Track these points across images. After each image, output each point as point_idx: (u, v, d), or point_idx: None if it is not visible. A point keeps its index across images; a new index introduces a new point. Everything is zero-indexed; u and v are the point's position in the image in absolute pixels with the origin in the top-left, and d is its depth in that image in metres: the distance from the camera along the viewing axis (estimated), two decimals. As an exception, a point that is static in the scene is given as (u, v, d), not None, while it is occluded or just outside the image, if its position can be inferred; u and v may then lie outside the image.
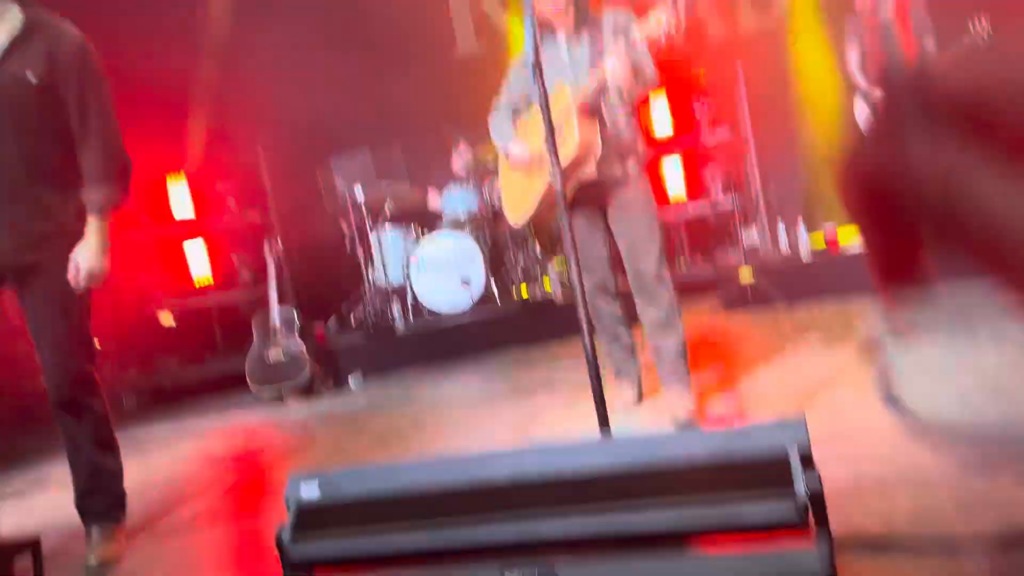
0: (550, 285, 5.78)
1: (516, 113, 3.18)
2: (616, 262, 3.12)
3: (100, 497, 2.55)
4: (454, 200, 6.32)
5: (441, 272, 6.01)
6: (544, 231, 7.04)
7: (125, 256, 2.64)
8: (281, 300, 5.39)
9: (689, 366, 3.00)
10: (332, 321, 6.57)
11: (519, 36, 7.76)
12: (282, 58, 7.62)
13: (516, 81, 3.17)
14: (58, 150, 2.50)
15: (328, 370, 5.45)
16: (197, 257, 6.58)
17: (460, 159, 6.72)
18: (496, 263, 6.45)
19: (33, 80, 2.41)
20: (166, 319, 6.43)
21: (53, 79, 2.44)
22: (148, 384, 6.42)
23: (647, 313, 3.00)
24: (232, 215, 6.44)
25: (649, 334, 3.02)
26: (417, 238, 6.35)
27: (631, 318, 3.18)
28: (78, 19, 2.63)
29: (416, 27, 7.88)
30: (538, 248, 6.64)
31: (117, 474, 2.60)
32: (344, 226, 6.60)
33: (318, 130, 7.53)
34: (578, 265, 2.09)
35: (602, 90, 2.80)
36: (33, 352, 2.52)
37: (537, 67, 1.99)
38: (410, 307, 6.08)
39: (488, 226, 6.56)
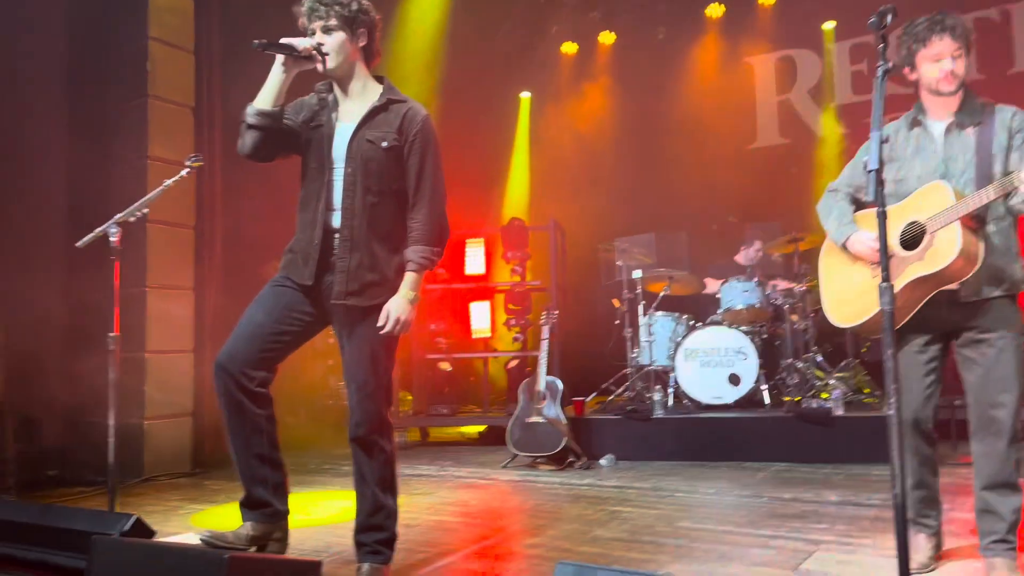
0: (831, 399, 5.31)
1: (856, 200, 2.84)
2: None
3: (376, 534, 2.73)
4: (734, 292, 6.12)
5: (709, 364, 5.84)
6: (830, 338, 6.55)
7: (420, 304, 2.86)
8: (549, 369, 5.54)
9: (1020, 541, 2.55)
10: (592, 396, 6.62)
11: (832, 134, 7.42)
12: (585, 139, 8.03)
13: (863, 163, 2.90)
14: (393, 209, 2.80)
15: (582, 444, 5.47)
16: (480, 315, 7.01)
17: (748, 255, 6.48)
18: (771, 365, 6.11)
19: (383, 144, 2.73)
20: (445, 364, 6.93)
21: (399, 145, 2.76)
22: (420, 425, 6.91)
23: (987, 464, 2.58)
24: (517, 282, 6.79)
25: (981, 489, 2.61)
26: (688, 326, 6.23)
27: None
28: (426, 100, 2.97)
29: (717, 118, 7.88)
30: (820, 357, 6.18)
31: (393, 514, 2.77)
32: (618, 305, 6.67)
33: (609, 211, 7.77)
34: (898, 397, 1.87)
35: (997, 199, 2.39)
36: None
37: (879, 183, 1.83)
38: (671, 394, 5.95)
39: (767, 325, 6.26)
